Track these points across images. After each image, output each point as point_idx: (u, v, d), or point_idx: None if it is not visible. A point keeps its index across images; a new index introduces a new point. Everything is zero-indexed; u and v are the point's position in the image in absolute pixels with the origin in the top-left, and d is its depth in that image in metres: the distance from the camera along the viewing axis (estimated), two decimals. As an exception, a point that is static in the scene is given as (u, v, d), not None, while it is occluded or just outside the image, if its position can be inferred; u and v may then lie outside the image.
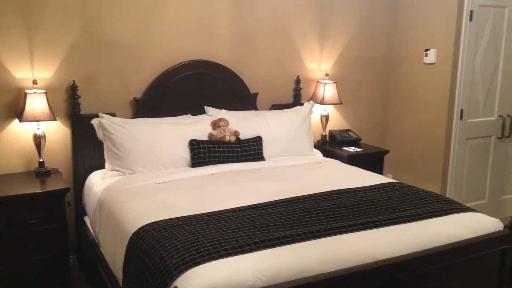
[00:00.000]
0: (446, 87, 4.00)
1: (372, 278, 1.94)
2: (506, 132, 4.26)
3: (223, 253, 1.92)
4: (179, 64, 3.54)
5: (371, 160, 3.97)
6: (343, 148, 4.04)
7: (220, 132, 3.37)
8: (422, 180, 4.21)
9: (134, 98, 3.45)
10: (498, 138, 4.26)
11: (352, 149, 4.03)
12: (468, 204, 4.03)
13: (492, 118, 4.21)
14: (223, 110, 3.57)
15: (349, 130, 4.32)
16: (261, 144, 3.46)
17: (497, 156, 4.30)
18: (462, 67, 3.95)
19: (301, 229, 2.16)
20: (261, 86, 3.93)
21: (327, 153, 3.90)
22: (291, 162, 3.45)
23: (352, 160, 3.81)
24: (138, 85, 3.47)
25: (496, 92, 4.17)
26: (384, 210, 2.44)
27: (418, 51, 4.23)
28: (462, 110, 4.02)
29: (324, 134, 4.21)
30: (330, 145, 4.15)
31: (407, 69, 4.39)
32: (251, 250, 1.96)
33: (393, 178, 4.37)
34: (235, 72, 3.76)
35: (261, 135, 3.51)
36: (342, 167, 3.47)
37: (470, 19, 3.89)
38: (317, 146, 4.07)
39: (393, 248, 2.07)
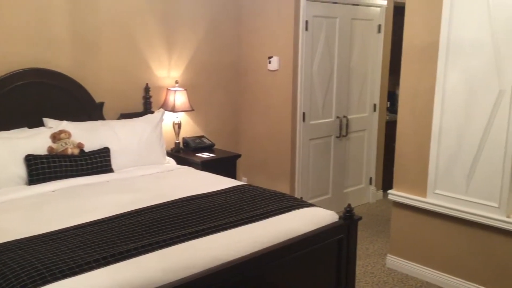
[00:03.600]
0: (288, 92, 4.27)
1: (217, 281, 1.97)
2: (344, 131, 4.69)
3: (59, 275, 1.78)
4: (9, 73, 3.22)
5: (224, 164, 4.06)
6: (197, 154, 4.08)
7: (61, 145, 3.14)
8: (274, 181, 4.44)
9: (-44, 112, 3.05)
10: (337, 137, 4.67)
11: (205, 155, 4.07)
12: (314, 199, 4.41)
13: (331, 119, 4.60)
14: (64, 122, 3.33)
15: (203, 137, 4.37)
16: (108, 156, 3.31)
17: (337, 154, 4.72)
18: (301, 73, 4.24)
19: (146, 241, 2.11)
20: (107, 95, 3.77)
21: (181, 161, 3.90)
22: (142, 172, 3.37)
23: (205, 166, 3.86)
24: (-40, 97, 3.08)
25: (332, 96, 4.56)
26: (231, 213, 2.51)
27: (263, 58, 4.44)
28: (304, 113, 4.33)
29: (177, 141, 4.19)
30: (184, 152, 4.15)
31: (254, 75, 4.58)
32: (91, 268, 1.86)
33: (247, 180, 4.55)
34: (77, 80, 3.54)
35: (109, 146, 3.36)
36: (194, 173, 3.48)
37: (306, 28, 4.20)
38: (171, 154, 4.03)
39: (238, 249, 2.13)
